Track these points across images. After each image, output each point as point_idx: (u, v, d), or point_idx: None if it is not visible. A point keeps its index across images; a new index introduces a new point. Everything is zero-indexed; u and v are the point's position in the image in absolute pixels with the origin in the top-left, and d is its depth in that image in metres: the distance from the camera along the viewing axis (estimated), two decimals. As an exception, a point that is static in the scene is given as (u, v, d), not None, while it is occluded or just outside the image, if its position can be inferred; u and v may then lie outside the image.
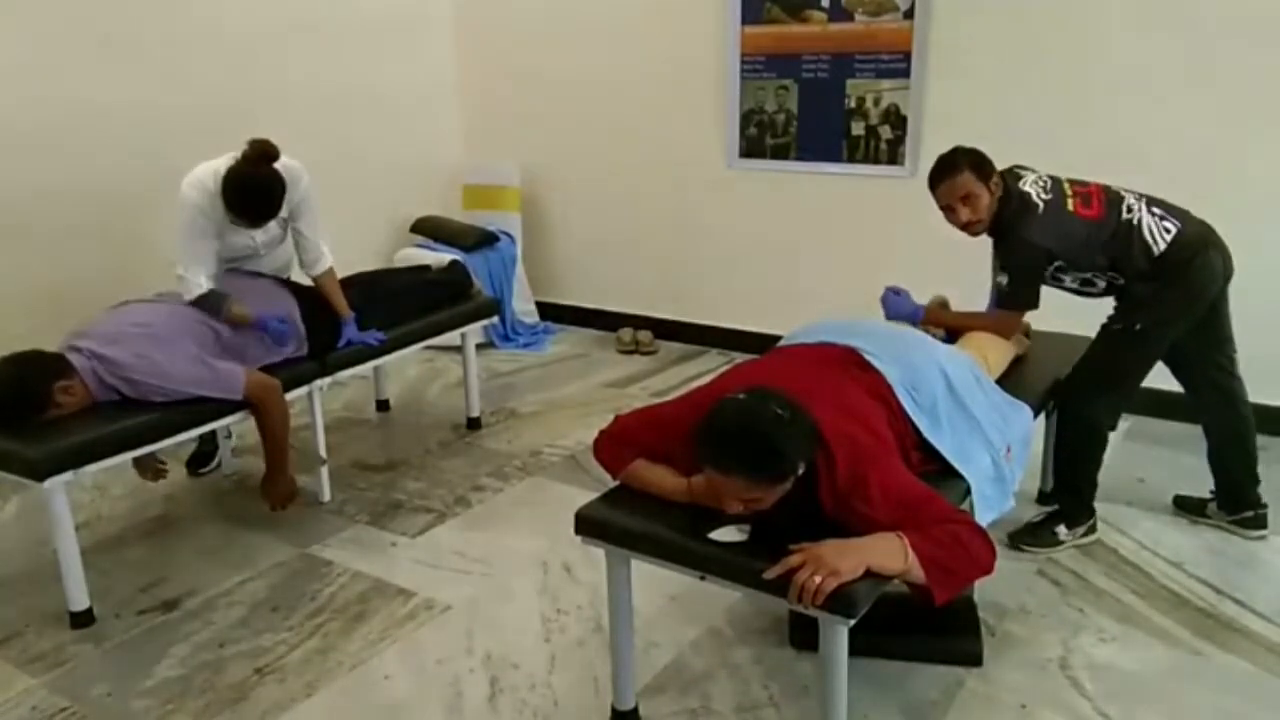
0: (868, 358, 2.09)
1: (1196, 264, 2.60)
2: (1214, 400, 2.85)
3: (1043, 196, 2.61)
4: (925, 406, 2.06)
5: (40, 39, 3.39)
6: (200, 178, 2.83)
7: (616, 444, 2.05)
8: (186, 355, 2.69)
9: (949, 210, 2.64)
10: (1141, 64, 3.50)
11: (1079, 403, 2.72)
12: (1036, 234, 2.59)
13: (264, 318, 2.93)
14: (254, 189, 2.81)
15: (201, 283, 2.83)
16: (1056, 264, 2.65)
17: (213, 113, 3.83)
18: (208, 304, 2.84)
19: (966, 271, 3.05)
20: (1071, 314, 2.85)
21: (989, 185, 2.59)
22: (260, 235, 3.04)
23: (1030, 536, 2.83)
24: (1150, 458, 3.27)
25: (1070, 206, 2.62)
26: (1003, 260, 2.67)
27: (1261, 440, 3.50)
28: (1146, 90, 3.51)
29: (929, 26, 3.86)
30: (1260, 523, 2.87)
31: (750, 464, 1.73)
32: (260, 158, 2.79)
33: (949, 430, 2.09)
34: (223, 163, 2.84)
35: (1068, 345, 2.88)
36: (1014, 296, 2.64)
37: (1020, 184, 2.64)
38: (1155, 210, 2.64)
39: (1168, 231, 2.59)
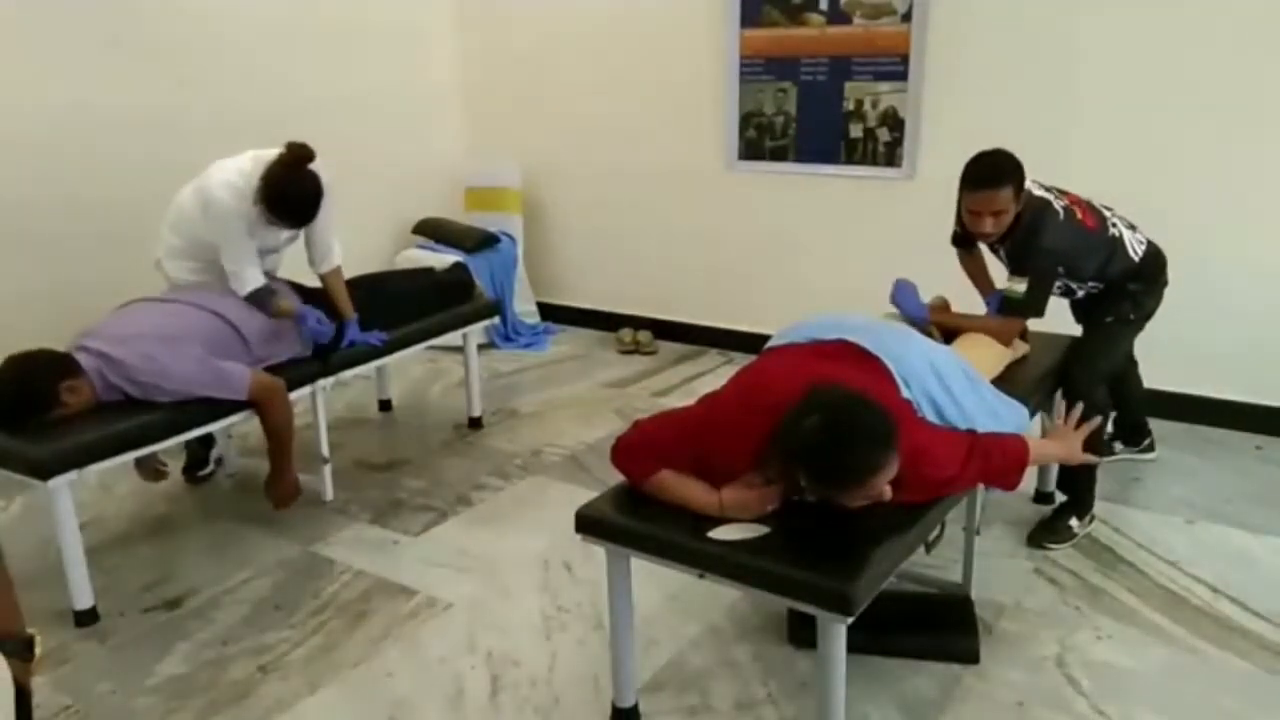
0: (866, 348, 2.11)
1: (1167, 267, 2.84)
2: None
3: (1059, 203, 2.65)
4: (917, 395, 2.08)
5: (44, 42, 3.41)
6: (229, 180, 2.85)
7: (640, 453, 2.01)
8: (191, 356, 2.71)
9: (976, 216, 2.62)
10: (1137, 69, 3.52)
11: (1090, 391, 2.75)
12: (1059, 241, 2.63)
13: (304, 314, 3.03)
14: (300, 194, 2.86)
15: (258, 276, 2.94)
16: (1058, 269, 2.69)
17: (215, 116, 3.86)
18: (259, 297, 2.94)
19: (964, 273, 3.07)
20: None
21: (1018, 200, 2.59)
22: (284, 234, 3.07)
23: (1049, 534, 2.85)
24: (1147, 457, 3.30)
25: (1078, 215, 2.67)
26: (1022, 266, 2.65)
27: (1261, 440, 3.54)
28: (1142, 95, 3.53)
29: (926, 30, 3.87)
30: (1152, 446, 3.37)
31: (864, 476, 1.77)
32: (298, 161, 2.82)
33: (940, 420, 2.11)
34: (247, 163, 2.86)
35: (1062, 346, 2.90)
36: (1029, 303, 2.64)
37: (1034, 189, 2.66)
38: (1124, 220, 2.81)
39: (1140, 243, 2.80)
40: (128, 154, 3.62)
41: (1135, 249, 2.77)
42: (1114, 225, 2.76)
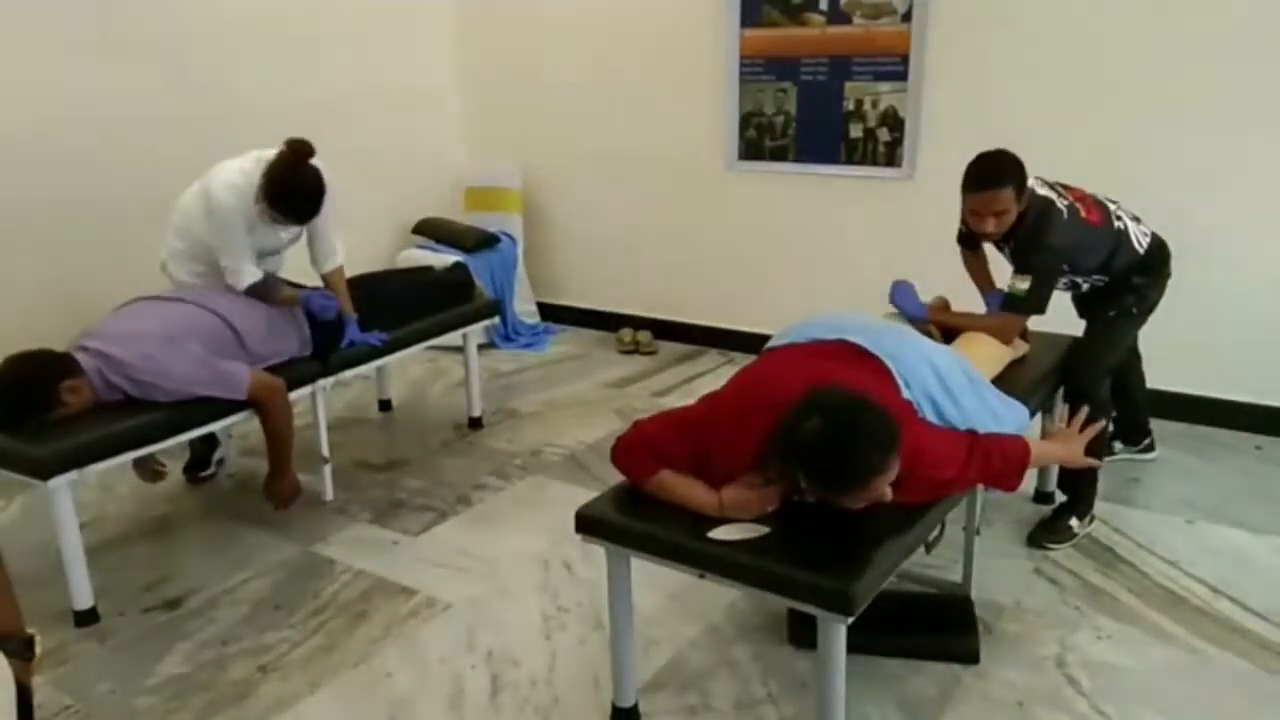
0: (866, 348, 2.11)
1: (1170, 259, 2.86)
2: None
3: (1061, 202, 2.65)
4: (917, 396, 2.08)
5: (39, 40, 3.41)
6: (231, 181, 2.86)
7: (640, 453, 2.00)
8: (190, 356, 2.71)
9: (976, 216, 2.62)
10: (1137, 68, 3.52)
11: (1094, 388, 2.77)
12: (1063, 239, 2.63)
13: (307, 296, 3.06)
14: (303, 189, 2.87)
15: (254, 271, 2.95)
16: (1061, 266, 2.69)
17: (214, 115, 3.86)
18: (259, 289, 2.96)
19: (964, 272, 3.07)
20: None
21: (1020, 200, 2.59)
22: (286, 234, 3.07)
23: (1049, 534, 2.85)
24: (1147, 457, 3.30)
25: (1082, 212, 2.67)
26: (1026, 264, 2.66)
27: (1261, 440, 3.54)
28: (1143, 95, 3.53)
29: (926, 30, 3.87)
30: (1152, 446, 3.36)
31: (866, 478, 1.77)
32: (299, 157, 2.83)
33: (940, 420, 2.11)
34: (250, 163, 2.87)
35: (1063, 346, 2.90)
36: (1030, 301, 2.64)
37: (1036, 188, 2.66)
38: (1129, 214, 2.82)
39: (1145, 235, 2.80)
40: (127, 154, 3.62)
41: (1140, 241, 2.78)
42: (1118, 218, 2.77)
